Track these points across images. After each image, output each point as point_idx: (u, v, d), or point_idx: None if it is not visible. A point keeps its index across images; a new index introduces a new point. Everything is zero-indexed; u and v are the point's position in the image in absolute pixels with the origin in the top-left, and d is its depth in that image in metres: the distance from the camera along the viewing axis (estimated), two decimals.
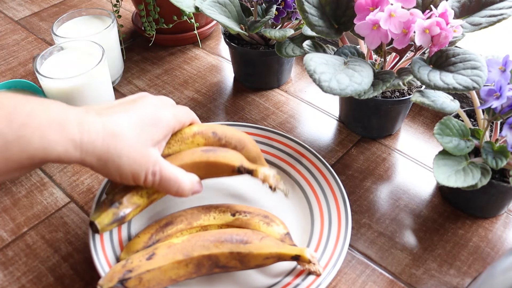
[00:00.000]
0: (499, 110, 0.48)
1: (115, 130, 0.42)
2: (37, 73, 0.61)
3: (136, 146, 0.42)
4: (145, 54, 0.82)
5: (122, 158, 0.42)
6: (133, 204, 0.47)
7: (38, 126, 0.38)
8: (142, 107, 0.45)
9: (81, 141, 0.40)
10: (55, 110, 0.40)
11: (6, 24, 0.90)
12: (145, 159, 0.43)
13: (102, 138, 0.41)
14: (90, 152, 0.40)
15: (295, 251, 0.46)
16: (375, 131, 0.65)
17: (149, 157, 0.43)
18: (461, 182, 0.46)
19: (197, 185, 0.48)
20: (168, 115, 0.47)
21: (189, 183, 0.47)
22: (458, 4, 0.56)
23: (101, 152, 0.41)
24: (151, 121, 0.45)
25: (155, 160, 0.44)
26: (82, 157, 0.40)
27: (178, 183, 0.45)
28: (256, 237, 0.46)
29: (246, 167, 0.49)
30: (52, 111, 0.39)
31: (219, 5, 0.62)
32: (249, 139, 0.54)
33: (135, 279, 0.43)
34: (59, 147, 0.39)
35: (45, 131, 0.38)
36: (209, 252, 0.45)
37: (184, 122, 0.50)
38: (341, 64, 0.51)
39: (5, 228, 0.55)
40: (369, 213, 0.56)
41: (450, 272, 0.50)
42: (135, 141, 0.42)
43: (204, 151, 0.50)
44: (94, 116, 0.42)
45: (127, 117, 0.43)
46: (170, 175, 0.45)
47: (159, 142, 0.46)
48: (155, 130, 0.45)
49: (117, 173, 0.43)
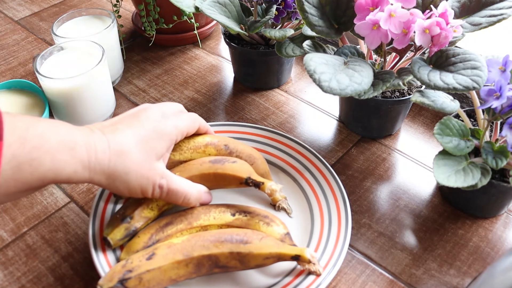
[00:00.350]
0: (499, 110, 0.48)
1: (121, 148, 0.43)
2: (37, 73, 0.61)
3: (142, 162, 0.44)
4: (145, 54, 0.82)
5: (130, 175, 0.43)
6: (144, 218, 0.50)
7: (50, 149, 0.39)
8: (145, 121, 0.46)
9: (89, 162, 0.41)
10: (64, 132, 0.41)
11: (6, 24, 0.90)
12: (151, 172, 0.45)
13: (109, 157, 0.42)
14: (98, 171, 0.42)
15: (295, 251, 0.46)
16: (375, 131, 0.65)
17: (156, 171, 0.45)
18: (461, 182, 0.46)
19: (205, 195, 0.50)
20: (169, 128, 0.47)
21: (196, 193, 0.49)
22: (458, 4, 0.56)
23: (109, 170, 0.42)
24: (154, 135, 0.46)
25: (161, 173, 0.45)
26: (91, 176, 0.42)
27: (185, 194, 0.47)
28: (256, 237, 0.46)
29: (254, 179, 0.52)
30: (61, 133, 0.40)
31: (219, 5, 0.62)
32: (259, 156, 0.56)
33: (135, 279, 0.43)
34: (68, 168, 0.40)
35: (55, 153, 0.39)
36: (209, 252, 0.45)
37: (186, 131, 0.51)
38: (341, 64, 0.51)
39: (5, 228, 0.55)
40: (369, 213, 0.56)
41: (450, 272, 0.50)
42: (141, 157, 0.44)
43: (212, 162, 0.52)
44: (100, 135, 0.43)
45: (131, 134, 0.44)
46: (177, 187, 0.47)
47: (163, 155, 0.47)
48: (158, 143, 0.46)
49: (126, 189, 0.44)
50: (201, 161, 0.53)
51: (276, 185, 0.51)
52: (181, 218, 0.50)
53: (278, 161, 0.59)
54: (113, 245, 0.48)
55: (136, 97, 0.73)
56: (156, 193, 0.46)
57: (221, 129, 0.61)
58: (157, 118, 0.47)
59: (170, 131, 0.47)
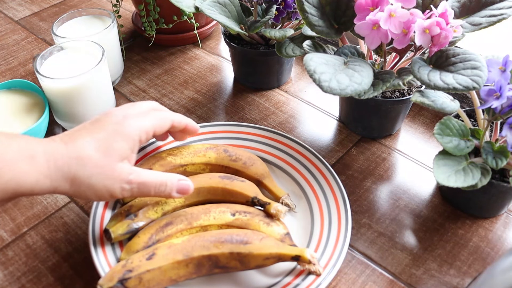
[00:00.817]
0: (499, 110, 0.48)
1: (80, 154, 0.43)
2: (37, 73, 0.61)
3: (104, 165, 0.43)
4: (145, 54, 0.82)
5: (93, 178, 0.43)
6: (147, 219, 0.50)
7: (8, 159, 0.39)
8: (105, 125, 0.46)
9: (49, 170, 0.41)
10: (23, 142, 0.41)
11: (6, 24, 0.90)
12: (116, 173, 0.44)
13: (68, 164, 0.42)
14: (60, 178, 0.42)
15: (295, 252, 0.46)
16: (375, 131, 0.65)
17: (121, 171, 0.44)
18: (461, 182, 0.46)
19: (181, 183, 0.48)
20: (131, 128, 0.46)
21: (167, 181, 0.47)
22: (458, 4, 0.56)
23: (71, 177, 0.42)
24: (114, 137, 0.45)
25: (127, 171, 0.45)
26: (54, 185, 0.42)
27: (155, 183, 0.46)
28: (256, 238, 0.46)
29: (260, 199, 0.52)
30: (20, 143, 0.41)
31: (219, 5, 0.62)
32: (258, 158, 0.57)
33: (135, 279, 0.43)
34: (29, 178, 0.40)
35: (15, 163, 0.39)
36: (209, 252, 0.45)
37: (153, 130, 0.48)
38: (341, 64, 0.51)
39: (5, 228, 0.55)
40: (369, 213, 0.56)
41: (450, 272, 0.50)
42: (102, 160, 0.43)
43: (221, 178, 0.54)
44: (59, 144, 0.43)
45: (90, 138, 0.44)
46: (146, 179, 0.46)
47: (127, 156, 0.46)
48: (119, 145, 0.45)
49: (93, 194, 0.44)
50: (210, 175, 0.54)
51: (282, 206, 0.51)
52: (181, 218, 0.50)
53: (278, 161, 0.59)
54: (114, 238, 0.48)
55: (136, 97, 0.73)
56: (125, 192, 0.45)
57: (221, 129, 0.61)
58: (118, 120, 0.46)
59: (131, 132, 0.46)
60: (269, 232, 0.49)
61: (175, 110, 0.70)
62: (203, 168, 0.57)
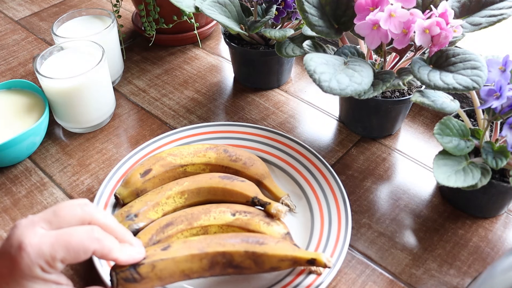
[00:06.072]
0: (499, 110, 0.48)
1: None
2: (37, 73, 0.61)
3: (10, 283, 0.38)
4: (145, 54, 0.82)
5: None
6: (148, 219, 0.51)
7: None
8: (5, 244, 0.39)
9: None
10: None
11: (6, 24, 0.90)
12: None
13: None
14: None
15: (311, 255, 0.45)
16: (375, 131, 0.65)
17: None
18: (461, 182, 0.46)
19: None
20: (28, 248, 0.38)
21: None
22: (458, 4, 0.56)
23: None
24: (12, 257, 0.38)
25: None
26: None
27: None
28: (272, 240, 0.46)
29: (260, 199, 0.52)
30: None
31: (219, 5, 0.62)
32: (258, 158, 0.58)
33: (148, 265, 0.43)
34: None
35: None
36: (224, 249, 0.45)
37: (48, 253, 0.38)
38: (341, 64, 0.51)
39: (5, 228, 0.55)
40: (369, 213, 0.56)
41: (450, 272, 0.50)
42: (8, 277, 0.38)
43: (221, 178, 0.54)
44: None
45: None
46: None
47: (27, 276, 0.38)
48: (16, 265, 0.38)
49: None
50: (211, 175, 0.54)
51: (282, 206, 0.51)
52: (181, 218, 0.50)
53: (278, 161, 0.59)
54: None
55: (136, 97, 0.73)
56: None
57: (221, 129, 0.62)
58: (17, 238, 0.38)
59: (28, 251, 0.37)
60: (270, 231, 0.49)
61: (175, 110, 0.70)
62: (203, 168, 0.57)
